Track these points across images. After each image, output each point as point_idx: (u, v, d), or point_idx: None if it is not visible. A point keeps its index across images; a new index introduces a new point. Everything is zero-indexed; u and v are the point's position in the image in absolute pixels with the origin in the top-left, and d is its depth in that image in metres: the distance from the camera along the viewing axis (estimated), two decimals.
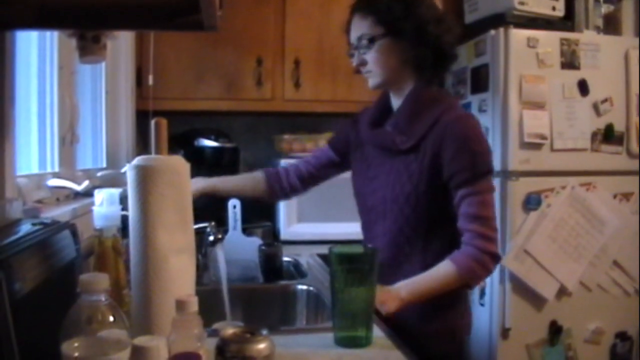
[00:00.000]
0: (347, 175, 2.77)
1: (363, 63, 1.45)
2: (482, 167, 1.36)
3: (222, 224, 1.82)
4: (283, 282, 1.83)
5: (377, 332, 1.19)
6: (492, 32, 2.42)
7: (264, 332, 0.81)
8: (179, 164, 1.00)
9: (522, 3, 2.45)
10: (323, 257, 2.08)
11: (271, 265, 1.86)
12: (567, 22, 2.60)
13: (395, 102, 1.50)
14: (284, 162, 2.58)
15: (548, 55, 2.42)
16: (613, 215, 2.51)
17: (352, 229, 2.64)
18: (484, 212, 1.35)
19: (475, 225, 1.34)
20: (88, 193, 1.50)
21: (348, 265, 1.12)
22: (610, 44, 2.53)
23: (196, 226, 1.09)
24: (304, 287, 1.74)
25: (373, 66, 1.44)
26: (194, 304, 0.80)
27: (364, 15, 1.43)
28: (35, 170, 1.50)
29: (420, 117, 1.40)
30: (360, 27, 1.44)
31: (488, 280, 2.37)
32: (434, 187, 1.38)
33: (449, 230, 1.39)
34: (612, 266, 2.53)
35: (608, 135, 2.51)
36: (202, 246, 1.79)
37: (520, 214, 2.42)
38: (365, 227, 1.57)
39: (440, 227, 1.41)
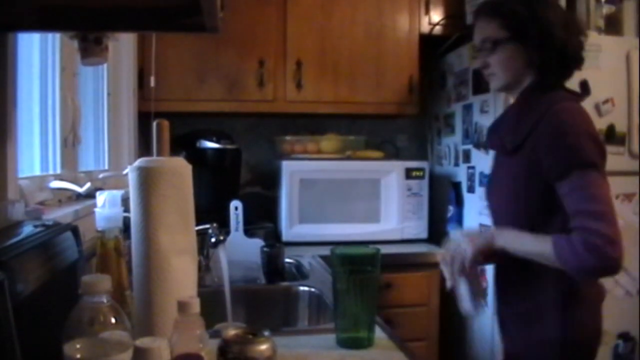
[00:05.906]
0: (347, 176, 2.75)
1: (486, 66, 1.47)
2: (577, 159, 1.26)
3: (224, 225, 1.82)
4: (285, 284, 1.82)
5: (379, 333, 1.19)
6: None
7: (266, 333, 0.81)
8: (181, 165, 1.00)
9: None
10: (325, 258, 2.08)
11: (273, 267, 1.86)
12: None
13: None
14: (285, 163, 2.58)
15: None
16: None
17: (353, 230, 2.67)
18: (585, 207, 1.24)
19: (577, 221, 1.25)
20: (90, 195, 1.50)
21: (350, 266, 1.12)
22: (611, 45, 2.52)
23: (198, 227, 1.10)
24: (306, 288, 1.74)
25: (496, 69, 1.45)
26: (196, 305, 0.80)
27: (488, 19, 1.45)
28: (37, 172, 1.50)
29: (527, 116, 1.38)
30: (485, 30, 1.45)
31: None
32: (536, 186, 1.34)
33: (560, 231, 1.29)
34: None
35: (609, 136, 2.50)
36: (204, 247, 1.79)
37: None
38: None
39: (549, 228, 1.32)
